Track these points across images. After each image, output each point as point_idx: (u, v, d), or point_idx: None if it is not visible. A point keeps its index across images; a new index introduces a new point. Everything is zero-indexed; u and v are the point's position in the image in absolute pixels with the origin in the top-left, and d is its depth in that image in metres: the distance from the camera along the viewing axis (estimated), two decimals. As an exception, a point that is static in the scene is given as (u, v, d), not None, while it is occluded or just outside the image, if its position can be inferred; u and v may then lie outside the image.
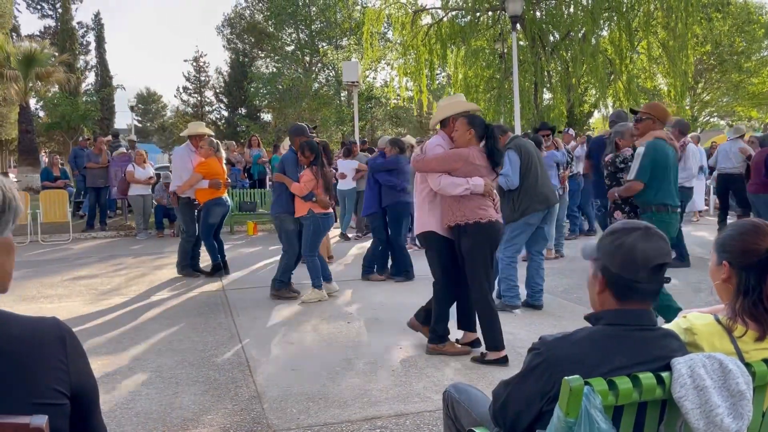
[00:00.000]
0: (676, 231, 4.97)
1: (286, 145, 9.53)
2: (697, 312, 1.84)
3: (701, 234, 10.51)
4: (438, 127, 4.66)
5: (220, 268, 7.61)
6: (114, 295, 6.77)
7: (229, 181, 7.76)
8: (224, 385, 4.00)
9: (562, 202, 8.77)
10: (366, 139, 21.86)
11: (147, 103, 52.54)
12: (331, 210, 6.26)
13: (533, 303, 5.81)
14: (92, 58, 39.01)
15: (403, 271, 7.24)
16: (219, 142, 7.74)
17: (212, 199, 7.33)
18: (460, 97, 4.97)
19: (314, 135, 6.79)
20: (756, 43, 28.17)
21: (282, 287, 6.43)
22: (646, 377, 1.54)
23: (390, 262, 7.42)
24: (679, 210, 4.78)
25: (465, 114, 4.45)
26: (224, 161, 7.71)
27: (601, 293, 1.72)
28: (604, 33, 18.39)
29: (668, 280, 1.72)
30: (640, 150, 4.67)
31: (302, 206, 6.11)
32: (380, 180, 7.29)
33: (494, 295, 5.87)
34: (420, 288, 6.80)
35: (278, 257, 9.23)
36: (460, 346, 4.56)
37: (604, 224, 7.14)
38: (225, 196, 7.53)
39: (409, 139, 9.90)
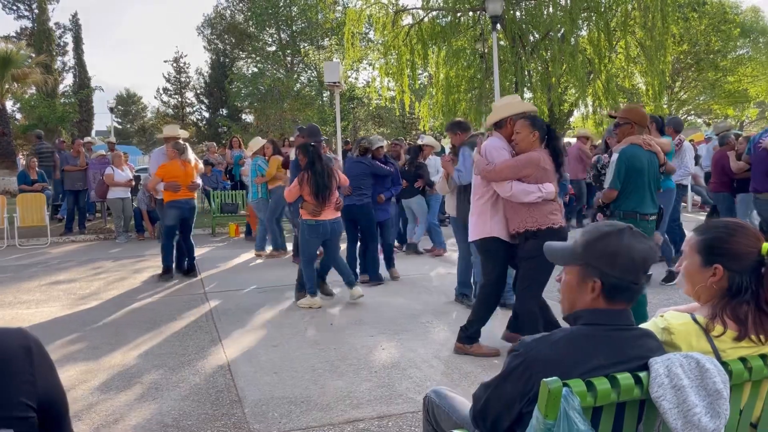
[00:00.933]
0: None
1: (253, 146, 9.39)
2: (674, 311, 1.85)
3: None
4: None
5: (169, 271, 7.61)
6: (93, 299, 6.68)
7: (197, 183, 7.59)
8: (205, 390, 3.96)
9: None
10: (348, 139, 21.82)
11: (127, 104, 51.89)
12: (323, 218, 5.90)
13: (503, 302, 5.80)
14: (70, 59, 38.33)
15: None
16: (187, 144, 7.65)
17: (168, 201, 7.41)
18: (516, 97, 4.81)
19: (321, 140, 6.63)
20: (731, 42, 28.52)
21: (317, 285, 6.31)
22: (624, 378, 1.54)
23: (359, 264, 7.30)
24: (652, 217, 4.60)
25: (524, 115, 4.33)
26: (191, 163, 7.54)
27: (595, 299, 1.70)
28: (583, 33, 18.51)
29: (650, 277, 1.73)
30: (614, 157, 4.62)
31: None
32: None
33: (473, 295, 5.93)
34: (403, 290, 6.80)
35: (259, 259, 9.22)
36: (486, 348, 4.52)
37: None
38: (187, 198, 7.48)
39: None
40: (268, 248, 9.39)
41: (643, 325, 1.77)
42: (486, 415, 1.70)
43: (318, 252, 6.26)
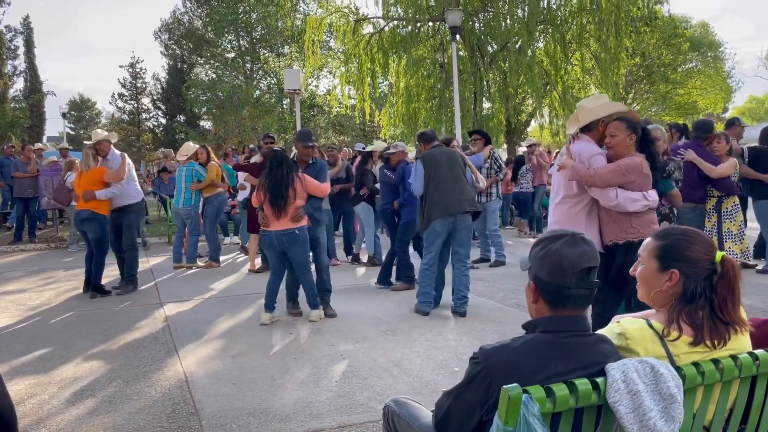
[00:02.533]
0: None
1: (185, 151, 8.94)
2: (630, 317, 1.89)
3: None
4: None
5: (88, 286, 7.22)
6: (43, 310, 6.47)
7: (89, 193, 6.88)
8: (160, 402, 3.86)
9: (485, 210, 8.62)
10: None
11: (80, 110, 50.65)
12: (271, 228, 5.54)
13: (456, 310, 5.91)
14: (21, 63, 37.16)
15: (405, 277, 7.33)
16: (88, 151, 7.04)
17: None
18: (605, 97, 4.45)
19: (312, 144, 6.28)
20: (681, 55, 29.53)
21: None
22: (582, 383, 1.56)
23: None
24: None
25: (619, 117, 4.06)
26: (86, 170, 6.98)
27: (535, 302, 1.77)
28: (540, 45, 18.89)
29: (598, 283, 1.76)
30: None
31: None
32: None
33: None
34: (363, 298, 6.78)
35: (216, 269, 9.06)
36: None
37: None
38: (78, 209, 7.07)
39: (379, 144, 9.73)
40: (201, 261, 9.13)
41: (599, 331, 1.81)
42: (448, 424, 1.71)
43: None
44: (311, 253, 5.98)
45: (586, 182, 3.95)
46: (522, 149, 15.87)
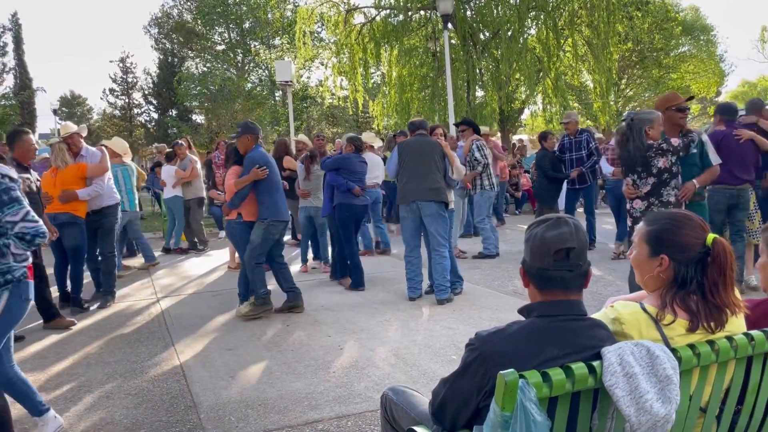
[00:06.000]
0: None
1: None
2: (624, 300, 1.89)
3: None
4: None
5: (65, 299, 6.32)
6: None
7: (68, 193, 6.06)
8: (158, 397, 3.86)
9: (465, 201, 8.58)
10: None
11: (71, 106, 50.23)
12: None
13: (436, 298, 5.92)
14: (10, 59, 36.89)
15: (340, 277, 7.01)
16: (62, 146, 6.36)
17: None
18: None
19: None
20: (674, 39, 29.47)
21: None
22: (578, 367, 1.56)
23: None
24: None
25: None
26: (60, 168, 6.27)
27: (527, 286, 1.79)
28: (532, 32, 18.82)
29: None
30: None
31: None
32: (328, 179, 6.77)
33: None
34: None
35: (212, 263, 9.07)
36: None
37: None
38: (54, 212, 6.10)
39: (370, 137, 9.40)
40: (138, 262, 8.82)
41: (594, 315, 1.80)
42: (445, 410, 1.71)
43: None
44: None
45: None
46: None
